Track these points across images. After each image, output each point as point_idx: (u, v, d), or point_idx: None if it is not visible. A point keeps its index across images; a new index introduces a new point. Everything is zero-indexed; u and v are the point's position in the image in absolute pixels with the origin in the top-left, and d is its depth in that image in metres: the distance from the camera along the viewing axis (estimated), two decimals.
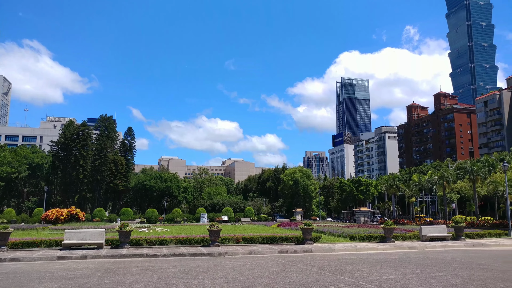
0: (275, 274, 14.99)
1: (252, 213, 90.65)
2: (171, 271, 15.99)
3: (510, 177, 56.19)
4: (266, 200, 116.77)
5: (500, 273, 15.12)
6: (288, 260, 19.80)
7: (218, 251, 22.76)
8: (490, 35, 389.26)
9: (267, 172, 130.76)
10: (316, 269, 16.52)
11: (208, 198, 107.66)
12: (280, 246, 25.85)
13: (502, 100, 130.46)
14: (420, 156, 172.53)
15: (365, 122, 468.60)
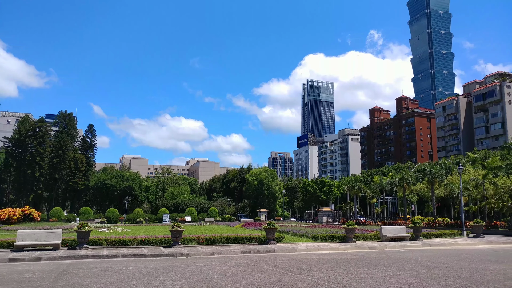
0: (238, 275, 14.89)
1: (216, 213, 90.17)
2: (131, 272, 15.60)
3: (465, 180, 58.49)
4: (230, 201, 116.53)
5: (453, 271, 15.67)
6: (251, 260, 19.74)
7: (180, 252, 22.43)
8: (449, 43, 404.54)
9: (232, 172, 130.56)
10: (278, 269, 16.54)
11: (171, 198, 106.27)
12: (243, 247, 25.78)
13: (459, 106, 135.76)
14: (381, 158, 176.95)
15: (329, 124, 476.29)
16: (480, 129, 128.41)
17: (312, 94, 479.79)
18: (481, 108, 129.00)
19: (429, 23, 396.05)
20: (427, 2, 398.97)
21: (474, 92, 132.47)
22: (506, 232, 42.29)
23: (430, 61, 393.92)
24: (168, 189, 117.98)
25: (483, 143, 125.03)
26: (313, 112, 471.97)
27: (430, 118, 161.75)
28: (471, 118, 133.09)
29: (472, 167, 67.56)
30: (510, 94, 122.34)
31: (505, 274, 15.13)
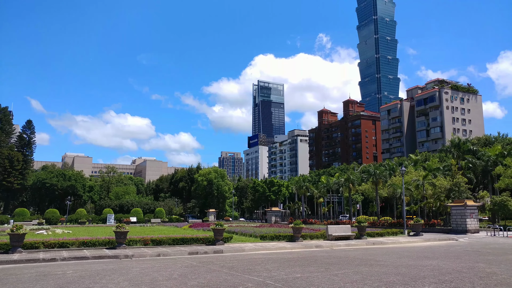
0: (184, 276, 14.60)
1: (163, 214, 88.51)
2: (70, 275, 14.84)
3: (407, 181, 61.12)
4: (178, 201, 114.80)
5: (394, 268, 16.25)
6: (198, 261, 19.45)
7: (124, 254, 21.70)
8: (394, 49, 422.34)
9: (180, 172, 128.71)
10: (225, 269, 16.40)
11: (116, 198, 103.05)
12: (191, 247, 25.39)
13: (402, 110, 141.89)
14: (329, 159, 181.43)
15: (279, 125, 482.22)
16: (422, 132, 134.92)
17: (263, 95, 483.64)
18: (423, 112, 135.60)
19: (376, 29, 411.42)
20: (374, 9, 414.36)
21: (416, 97, 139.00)
22: (442, 230, 44.60)
23: (377, 66, 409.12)
24: (113, 189, 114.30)
25: (424, 146, 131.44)
26: (263, 113, 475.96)
27: (376, 121, 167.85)
28: (414, 122, 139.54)
29: (414, 169, 70.73)
30: (448, 100, 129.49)
31: (440, 269, 15.92)
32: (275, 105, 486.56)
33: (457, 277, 13.95)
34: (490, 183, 66.83)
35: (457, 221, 42.25)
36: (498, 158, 63.79)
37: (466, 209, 41.56)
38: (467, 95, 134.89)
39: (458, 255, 21.70)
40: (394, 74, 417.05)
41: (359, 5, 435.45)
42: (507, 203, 48.10)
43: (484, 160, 65.70)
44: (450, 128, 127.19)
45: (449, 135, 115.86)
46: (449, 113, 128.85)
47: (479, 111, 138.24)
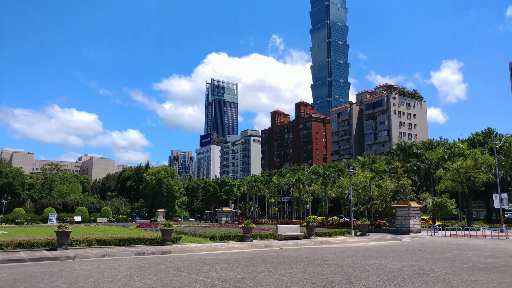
0: (129, 277, 14.13)
1: (110, 213, 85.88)
2: (4, 280, 13.91)
3: (355, 182, 62.90)
4: (126, 200, 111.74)
5: (340, 268, 16.57)
6: (144, 262, 18.93)
7: (66, 255, 20.72)
8: (345, 53, 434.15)
9: (128, 170, 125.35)
10: (173, 270, 16.06)
11: (59, 196, 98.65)
12: (138, 248, 24.70)
13: (352, 113, 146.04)
14: (280, 160, 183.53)
15: (232, 125, 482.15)
16: (370, 136, 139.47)
17: (216, 94, 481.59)
18: (371, 116, 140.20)
19: (329, 33, 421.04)
20: (327, 13, 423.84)
21: (365, 101, 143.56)
22: (387, 230, 46.23)
23: (328, 70, 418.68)
24: (56, 187, 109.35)
25: (371, 148, 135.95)
26: (216, 112, 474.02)
27: (326, 123, 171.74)
28: (362, 125, 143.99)
29: (362, 170, 72.95)
30: (395, 104, 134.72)
31: (383, 268, 16.41)
32: (228, 104, 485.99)
33: (399, 275, 14.43)
34: (432, 185, 70.22)
35: (401, 221, 43.92)
36: (440, 162, 67.13)
37: (410, 210, 43.29)
38: (413, 101, 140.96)
39: (400, 254, 22.50)
40: (345, 78, 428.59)
41: (313, 9, 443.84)
42: (446, 204, 50.67)
43: (427, 163, 68.92)
44: (396, 132, 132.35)
45: (396, 139, 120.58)
46: (396, 117, 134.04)
47: (424, 116, 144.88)
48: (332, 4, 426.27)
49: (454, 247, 27.37)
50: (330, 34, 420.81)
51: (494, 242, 31.66)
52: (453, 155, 66.55)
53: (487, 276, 14.28)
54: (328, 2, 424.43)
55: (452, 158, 65.46)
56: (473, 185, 58.14)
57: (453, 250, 25.05)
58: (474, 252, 23.50)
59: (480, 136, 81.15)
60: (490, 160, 57.25)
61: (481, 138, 79.80)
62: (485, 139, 78.82)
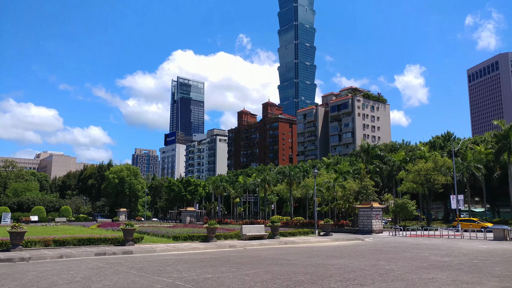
0: (88, 279, 13.68)
1: (70, 212, 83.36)
2: None
3: (319, 182, 63.71)
4: (87, 199, 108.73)
5: (303, 267, 16.68)
6: (104, 263, 18.42)
7: (20, 256, 19.85)
8: (312, 55, 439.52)
9: (90, 168, 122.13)
10: (134, 271, 15.70)
11: (14, 195, 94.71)
12: (98, 248, 24.03)
13: (317, 115, 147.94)
14: (247, 160, 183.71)
15: (198, 123, 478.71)
16: (334, 137, 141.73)
17: (182, 92, 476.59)
18: (336, 118, 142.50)
19: (296, 35, 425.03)
20: (295, 15, 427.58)
21: (331, 103, 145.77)
22: (350, 230, 47.07)
23: (295, 71, 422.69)
24: (11, 185, 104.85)
25: (336, 150, 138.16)
26: (182, 110, 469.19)
27: (292, 124, 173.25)
28: (328, 127, 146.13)
29: (326, 171, 73.99)
30: (359, 107, 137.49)
31: (345, 268, 16.64)
32: (194, 103, 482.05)
33: (360, 274, 14.65)
34: (394, 187, 72.07)
35: (364, 222, 44.81)
36: (402, 164, 68.99)
37: (372, 210, 44.22)
38: (377, 104, 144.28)
39: (362, 254, 22.90)
40: (311, 80, 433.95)
41: (281, 10, 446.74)
42: (408, 205, 52.11)
43: (390, 165, 70.68)
44: (360, 134, 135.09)
45: (360, 141, 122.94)
46: (360, 119, 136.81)
47: (387, 119, 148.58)
48: (300, 6, 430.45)
49: (413, 246, 28.15)
50: (297, 35, 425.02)
51: (450, 242, 32.79)
52: (414, 158, 68.54)
53: (443, 274, 14.78)
54: (296, 3, 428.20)
55: (413, 160, 67.41)
56: (432, 186, 60.09)
57: (413, 249, 25.74)
58: (431, 252, 24.23)
59: (440, 140, 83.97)
60: (449, 163, 59.34)
61: (441, 142, 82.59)
62: (445, 142, 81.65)
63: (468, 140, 78.85)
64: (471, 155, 65.16)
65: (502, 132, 57.62)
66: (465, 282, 13.09)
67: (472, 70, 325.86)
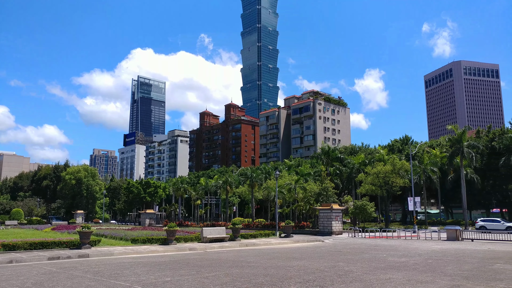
0: (39, 284, 13.11)
1: (21, 215, 79.91)
2: None
3: (281, 184, 64.11)
4: (41, 201, 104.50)
5: (263, 269, 16.65)
6: (58, 267, 17.71)
7: None
8: (275, 58, 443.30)
9: (45, 169, 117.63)
10: (89, 275, 15.19)
11: None
12: (52, 252, 23.11)
13: (280, 117, 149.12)
14: (209, 161, 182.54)
15: (159, 123, 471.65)
16: (296, 139, 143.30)
17: (142, 91, 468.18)
18: (298, 120, 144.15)
19: (259, 37, 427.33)
20: (258, 17, 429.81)
21: (293, 106, 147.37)
22: (311, 231, 47.58)
23: (258, 73, 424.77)
24: None
25: (298, 152, 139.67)
26: (142, 110, 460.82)
27: (255, 126, 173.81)
28: (290, 129, 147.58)
29: (288, 173, 74.55)
30: (321, 110, 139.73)
31: (305, 269, 16.76)
32: (155, 103, 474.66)
33: (319, 276, 14.78)
34: (353, 189, 73.62)
35: (324, 223, 45.42)
36: (361, 166, 70.59)
37: (332, 212, 44.90)
38: (338, 107, 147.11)
39: (322, 256, 23.17)
40: (274, 82, 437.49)
41: (245, 12, 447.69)
42: (367, 207, 53.34)
43: (350, 168, 72.17)
44: (321, 137, 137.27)
45: (321, 143, 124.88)
46: (321, 122, 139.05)
47: (347, 122, 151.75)
48: (263, 8, 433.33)
49: (372, 248, 28.77)
50: (260, 38, 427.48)
51: (407, 243, 33.78)
52: (373, 160, 70.28)
53: (399, 274, 15.18)
54: (260, 6, 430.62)
55: (372, 163, 69.10)
56: (391, 189, 61.83)
57: (371, 251, 26.30)
58: (389, 253, 24.84)
59: (398, 143, 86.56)
60: (407, 166, 61.24)
61: (399, 145, 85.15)
62: (403, 145, 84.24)
63: (425, 144, 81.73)
64: (428, 158, 67.52)
65: (455, 136, 60.06)
66: (420, 282, 13.50)
67: (428, 76, 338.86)
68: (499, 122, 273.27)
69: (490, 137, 68.85)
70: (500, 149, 63.96)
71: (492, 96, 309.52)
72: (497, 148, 64.80)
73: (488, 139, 68.28)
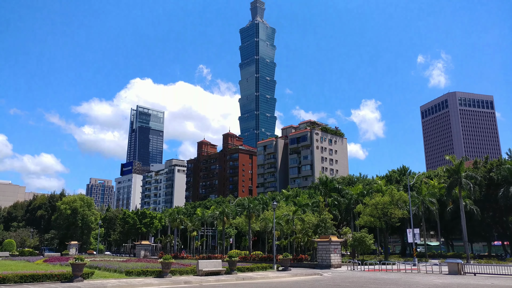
0: None
1: (13, 246, 78.30)
2: None
3: (279, 215, 63.34)
4: (34, 231, 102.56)
5: None
6: None
7: None
8: (273, 88, 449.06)
9: (40, 198, 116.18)
10: None
11: None
12: (42, 286, 22.37)
13: (277, 147, 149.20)
14: (206, 191, 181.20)
15: (157, 153, 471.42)
16: (294, 169, 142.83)
17: (141, 121, 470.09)
18: (295, 150, 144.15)
19: (257, 69, 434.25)
20: (256, 50, 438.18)
21: (290, 136, 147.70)
22: (309, 265, 46.55)
23: (256, 103, 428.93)
24: None
25: (295, 182, 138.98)
26: (141, 139, 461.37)
27: (253, 156, 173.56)
28: (287, 159, 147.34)
29: (285, 204, 73.80)
30: (318, 140, 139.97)
31: None
32: (153, 132, 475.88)
33: None
34: (352, 220, 72.75)
35: (323, 256, 44.48)
36: (359, 197, 69.98)
37: (331, 244, 44.06)
38: (335, 137, 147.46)
39: None
40: (271, 112, 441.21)
41: (243, 44, 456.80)
42: (366, 239, 52.42)
43: (348, 198, 71.53)
44: (319, 167, 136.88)
45: (318, 173, 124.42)
46: (318, 152, 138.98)
47: (345, 152, 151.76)
48: (261, 41, 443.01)
49: (371, 281, 27.98)
50: (258, 69, 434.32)
51: (407, 276, 32.94)
52: (371, 191, 69.74)
53: None
54: (258, 39, 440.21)
55: (370, 193, 68.54)
56: (389, 220, 61.06)
57: (371, 284, 25.55)
58: (389, 286, 24.13)
59: (396, 174, 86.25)
60: (405, 197, 60.71)
61: (397, 175, 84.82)
62: (401, 176, 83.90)
63: (422, 175, 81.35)
64: (426, 189, 67.01)
65: (453, 167, 59.80)
66: None
67: (424, 107, 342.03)
68: (496, 153, 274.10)
69: (488, 168, 68.60)
70: (499, 180, 63.56)
71: (488, 126, 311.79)
72: (495, 179, 64.40)
73: (486, 170, 68.02)
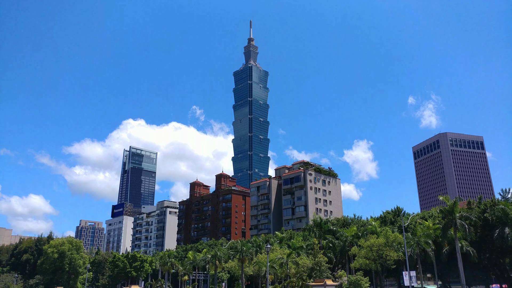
0: None
1: None
2: None
3: (272, 258, 61.69)
4: (19, 277, 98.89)
5: None
6: None
7: None
8: (266, 129, 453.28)
9: (26, 241, 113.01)
10: None
11: None
12: None
13: (271, 187, 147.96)
14: (198, 233, 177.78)
15: (149, 194, 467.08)
16: (287, 210, 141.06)
17: (134, 162, 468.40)
18: (289, 191, 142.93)
19: (251, 110, 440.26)
20: (250, 92, 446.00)
21: (284, 176, 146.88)
22: None
23: (249, 144, 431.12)
24: None
25: (289, 224, 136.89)
26: (133, 180, 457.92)
27: (246, 197, 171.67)
28: (281, 200, 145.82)
29: (279, 246, 72.14)
30: (311, 181, 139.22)
31: None
32: (146, 173, 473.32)
33: None
34: (347, 263, 70.98)
35: None
36: (354, 239, 68.64)
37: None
38: (328, 178, 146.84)
39: None
40: (265, 152, 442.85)
41: (237, 86, 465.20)
42: (361, 283, 50.90)
43: (342, 240, 70.13)
44: (313, 208, 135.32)
45: (312, 215, 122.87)
46: (312, 193, 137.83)
47: (338, 193, 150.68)
48: (255, 83, 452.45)
49: None
50: (252, 110, 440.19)
51: None
52: (366, 233, 68.52)
53: None
54: (251, 81, 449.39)
55: (365, 235, 67.29)
56: (385, 262, 59.61)
57: None
58: None
59: (390, 215, 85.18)
60: (400, 238, 59.60)
61: (391, 217, 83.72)
62: (395, 217, 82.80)
63: (417, 215, 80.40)
64: (421, 230, 65.95)
65: (447, 207, 59.17)
66: None
67: (416, 148, 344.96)
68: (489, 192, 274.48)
69: (482, 208, 67.91)
70: (493, 221, 62.73)
71: (479, 167, 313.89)
72: (490, 220, 63.57)
73: (480, 210, 67.31)
